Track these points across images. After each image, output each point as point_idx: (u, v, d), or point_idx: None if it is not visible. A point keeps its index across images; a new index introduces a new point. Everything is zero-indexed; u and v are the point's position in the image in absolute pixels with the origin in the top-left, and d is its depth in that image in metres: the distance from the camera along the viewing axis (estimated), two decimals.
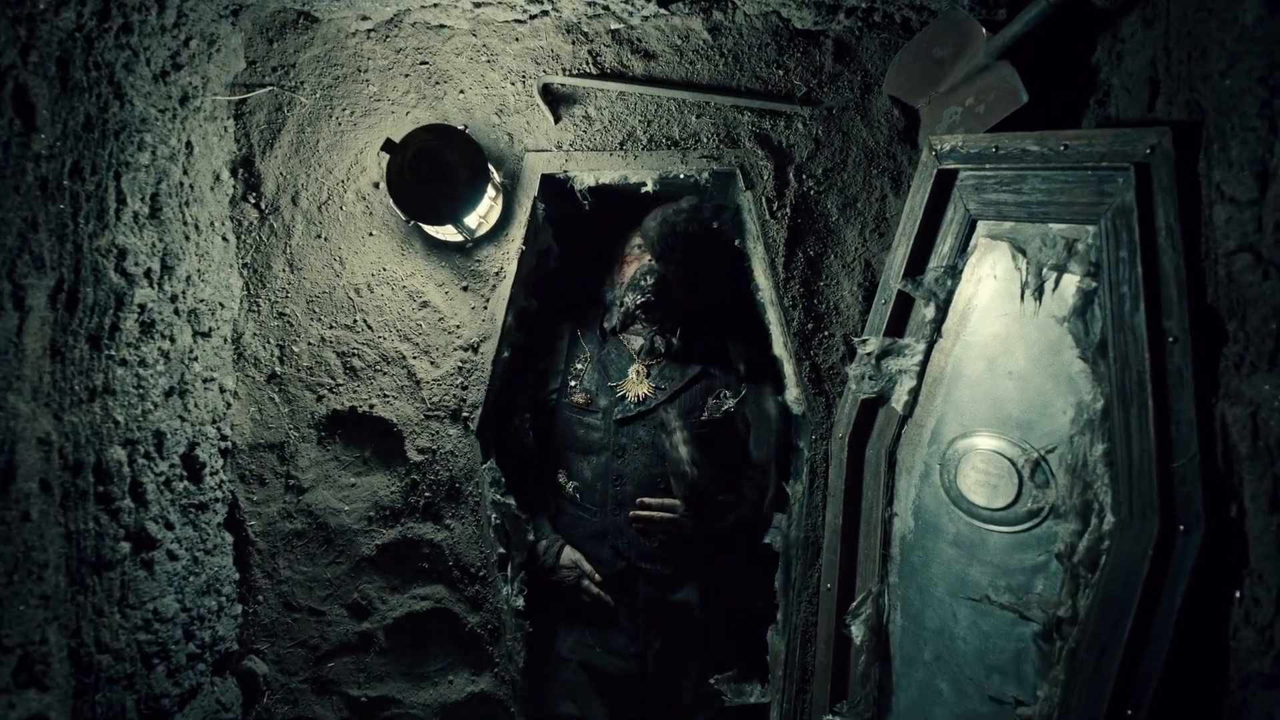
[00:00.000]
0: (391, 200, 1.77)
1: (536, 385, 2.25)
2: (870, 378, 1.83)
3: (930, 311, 1.74)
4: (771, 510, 2.09)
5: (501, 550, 2.01)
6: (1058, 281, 1.53)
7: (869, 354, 1.82)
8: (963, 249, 1.72)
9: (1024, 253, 1.59)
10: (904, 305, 1.80)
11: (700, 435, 2.10)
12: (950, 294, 1.73)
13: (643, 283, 2.18)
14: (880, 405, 1.84)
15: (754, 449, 2.15)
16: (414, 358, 2.00)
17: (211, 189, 1.90)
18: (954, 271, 1.73)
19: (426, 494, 1.99)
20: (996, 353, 1.65)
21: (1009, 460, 1.57)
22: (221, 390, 1.93)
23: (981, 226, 1.70)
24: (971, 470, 1.65)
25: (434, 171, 1.71)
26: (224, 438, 1.94)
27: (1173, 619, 1.17)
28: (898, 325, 1.81)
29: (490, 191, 1.88)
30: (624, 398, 2.15)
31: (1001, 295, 1.65)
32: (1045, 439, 1.51)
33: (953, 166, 1.72)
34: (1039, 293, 1.56)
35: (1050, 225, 1.54)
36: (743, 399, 2.12)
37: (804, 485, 1.93)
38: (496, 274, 2.00)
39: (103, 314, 1.50)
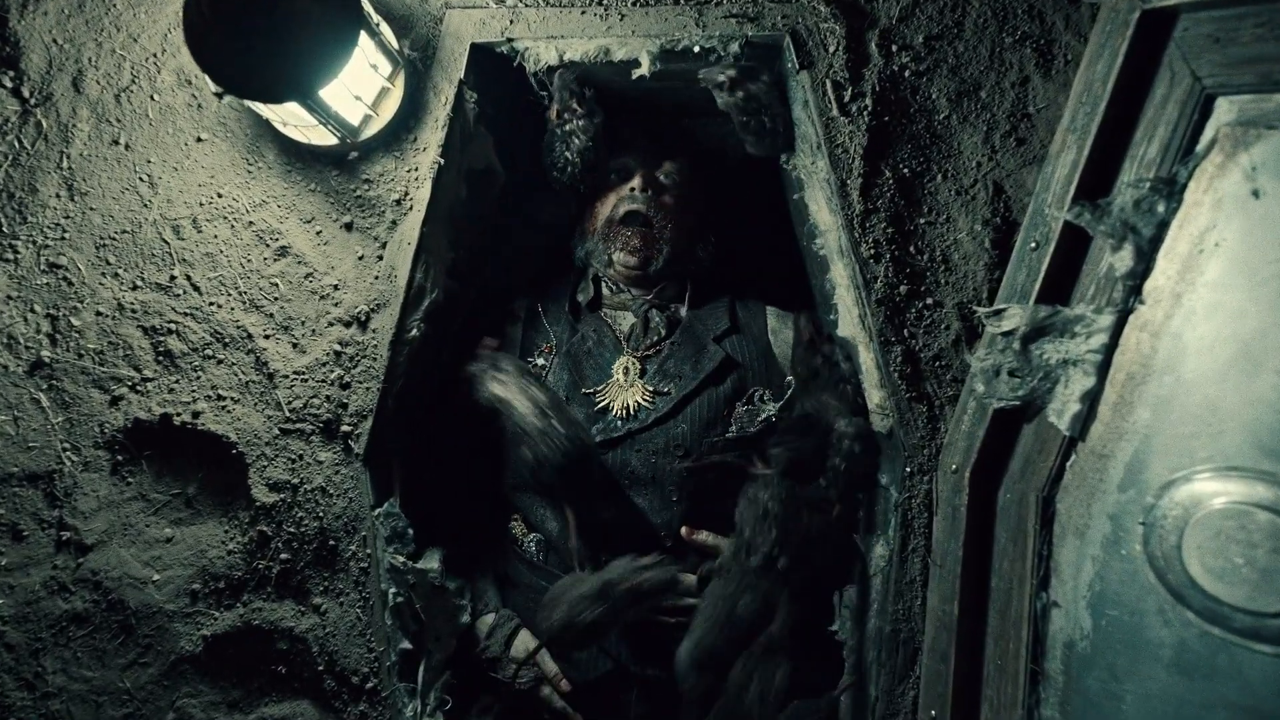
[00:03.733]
0: (190, 54, 1.06)
1: None
2: (1010, 373, 1.13)
3: (1125, 259, 1.05)
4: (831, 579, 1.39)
5: (406, 645, 1.30)
6: None
7: (1008, 334, 1.13)
8: (1187, 148, 1.03)
9: None
10: (1071, 251, 1.11)
11: (724, 463, 1.40)
12: (1162, 228, 1.04)
13: (629, 195, 1.49)
14: (1026, 419, 1.15)
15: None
16: (266, 337, 1.29)
17: None
18: (1169, 189, 1.03)
19: (284, 556, 1.29)
20: (1254, 334, 0.97)
21: None
22: None
23: (1225, 107, 1.01)
24: (1210, 538, 0.98)
25: (260, 4, 1.00)
26: None
27: None
28: (1059, 285, 1.12)
29: (376, 57, 1.17)
30: (606, 409, 1.44)
31: (1265, 231, 0.96)
32: None
33: (1167, 4, 1.02)
34: None
35: None
36: (790, 405, 1.41)
37: (891, 546, 1.24)
38: (398, 204, 1.29)
39: None
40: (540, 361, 1.51)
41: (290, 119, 1.19)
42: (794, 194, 1.39)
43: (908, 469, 1.23)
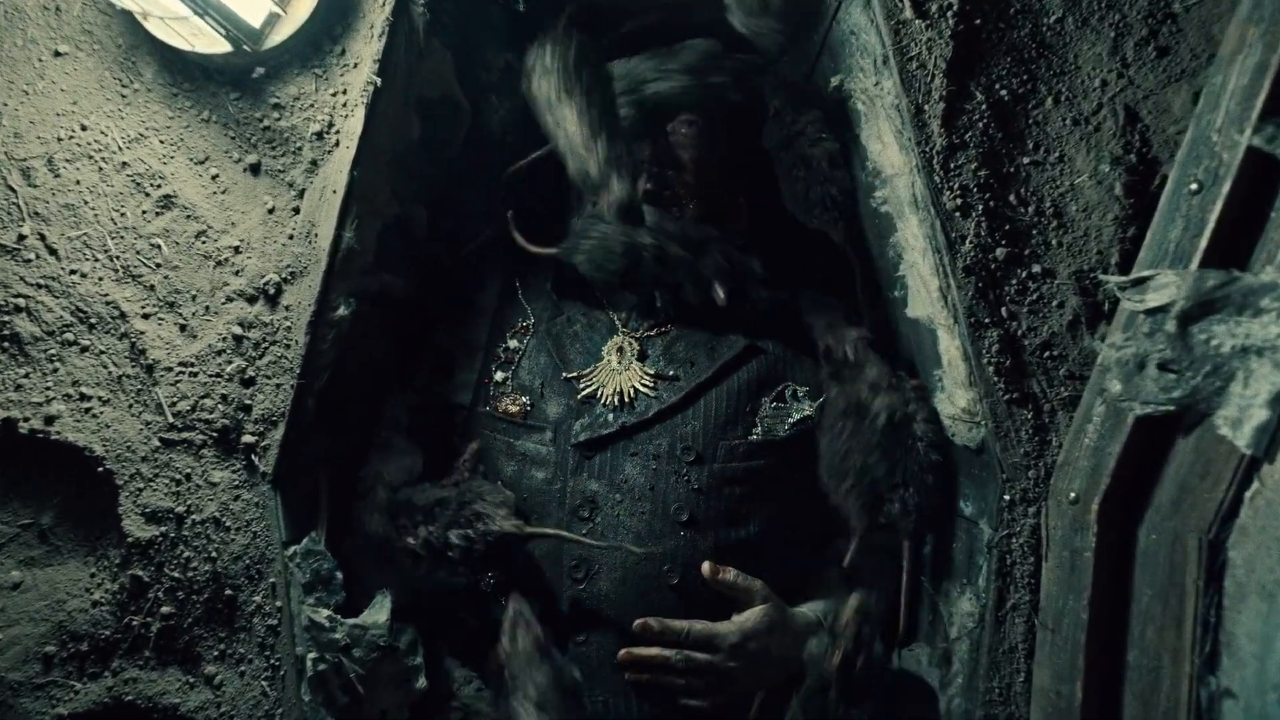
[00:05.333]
0: None
1: (432, 382, 1.23)
2: (1161, 366, 0.83)
3: None
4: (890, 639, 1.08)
5: None
6: None
7: (1156, 312, 0.83)
8: None
9: None
10: (1254, 192, 0.79)
11: (747, 475, 1.09)
12: None
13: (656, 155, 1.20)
14: (1183, 431, 0.84)
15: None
16: (144, 316, 0.99)
17: None
18: None
19: (166, 609, 0.98)
20: None
21: None
22: None
23: None
24: None
25: None
26: None
27: None
28: (1234, 242, 0.81)
29: None
30: (592, 398, 1.13)
31: None
32: None
33: None
34: None
35: None
36: (832, 405, 1.09)
37: (982, 601, 0.93)
38: (319, 139, 0.99)
39: None
40: (513, 344, 1.20)
41: (155, 8, 0.87)
42: (847, 133, 1.08)
43: (1006, 497, 0.92)
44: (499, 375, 1.18)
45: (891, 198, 1.00)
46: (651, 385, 1.14)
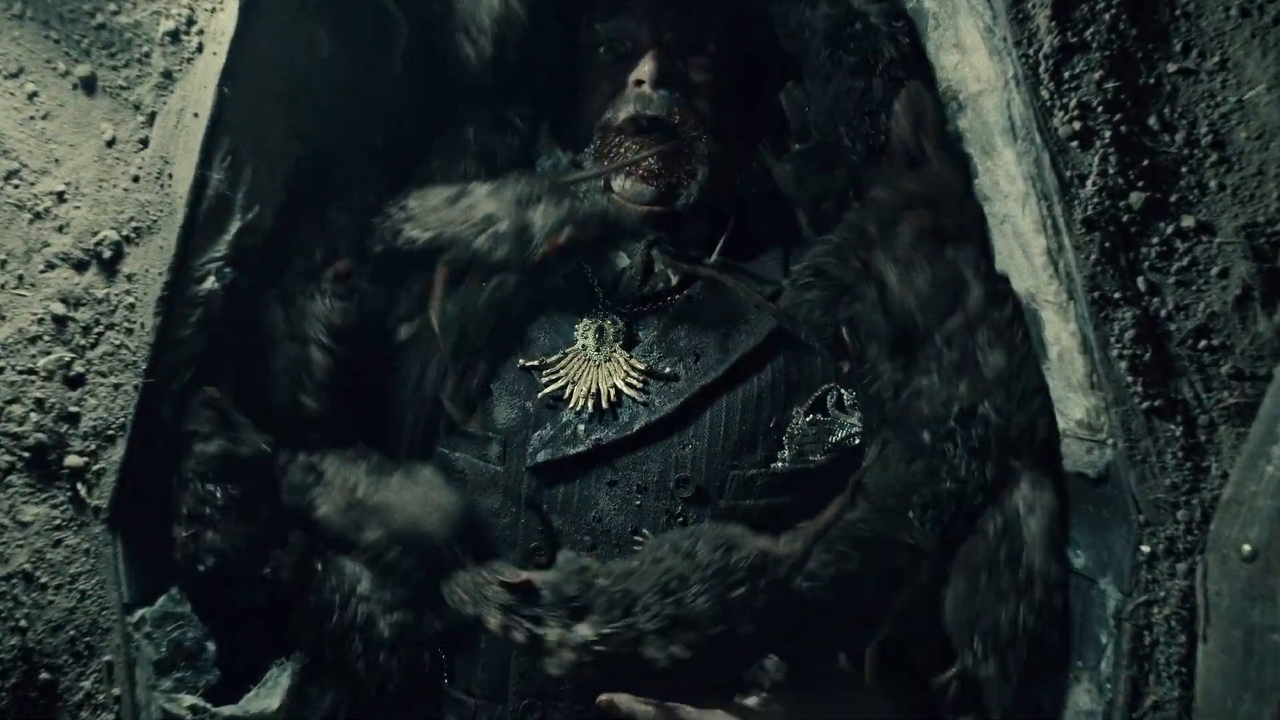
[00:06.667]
0: None
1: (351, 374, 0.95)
2: None
3: None
4: None
5: None
6: None
7: None
8: None
9: None
10: None
11: (765, 518, 0.82)
12: None
13: (636, 90, 0.91)
14: None
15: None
16: None
17: None
18: None
19: None
20: None
21: None
22: None
23: None
24: None
25: None
26: None
27: None
28: None
29: None
30: (558, 400, 0.86)
31: None
32: None
33: None
34: None
35: None
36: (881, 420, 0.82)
37: (1108, 696, 0.67)
38: (173, 39, 0.72)
39: None
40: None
41: None
42: (901, 45, 0.81)
43: (1144, 548, 0.65)
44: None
45: (974, 127, 0.73)
46: (640, 386, 0.85)
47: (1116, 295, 0.66)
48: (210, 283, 0.74)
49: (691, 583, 0.73)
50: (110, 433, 0.72)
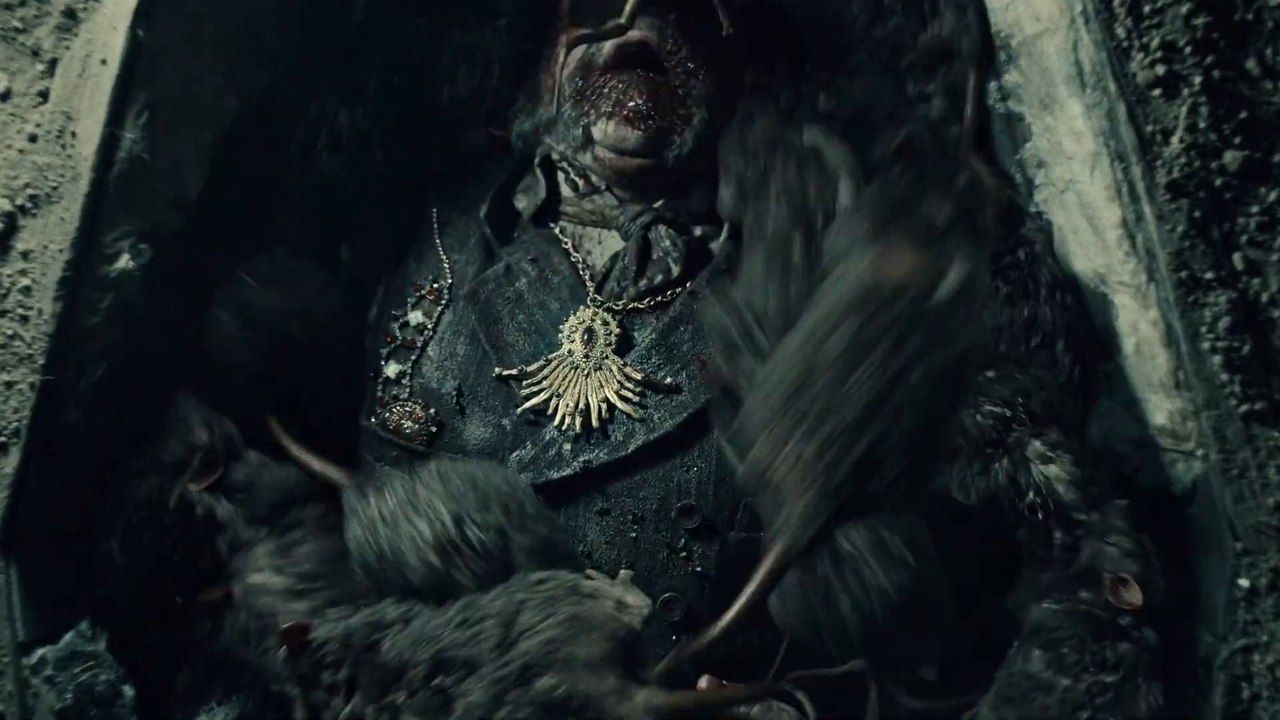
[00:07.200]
0: None
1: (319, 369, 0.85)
2: None
3: None
4: None
5: None
6: None
7: None
8: None
9: None
10: None
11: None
12: None
13: (622, 23, 0.80)
14: None
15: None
16: None
17: None
18: None
19: None
20: None
21: None
22: None
23: None
24: None
25: None
26: None
27: None
28: None
29: None
30: (541, 414, 0.75)
31: None
32: None
33: None
34: None
35: None
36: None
37: None
38: None
39: None
40: (415, 317, 0.81)
41: None
42: None
43: (1243, 582, 0.56)
44: (391, 369, 0.79)
45: (1031, 75, 0.62)
46: (636, 399, 0.74)
47: (1208, 276, 0.56)
48: (124, 262, 0.63)
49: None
50: (2, 440, 0.62)
